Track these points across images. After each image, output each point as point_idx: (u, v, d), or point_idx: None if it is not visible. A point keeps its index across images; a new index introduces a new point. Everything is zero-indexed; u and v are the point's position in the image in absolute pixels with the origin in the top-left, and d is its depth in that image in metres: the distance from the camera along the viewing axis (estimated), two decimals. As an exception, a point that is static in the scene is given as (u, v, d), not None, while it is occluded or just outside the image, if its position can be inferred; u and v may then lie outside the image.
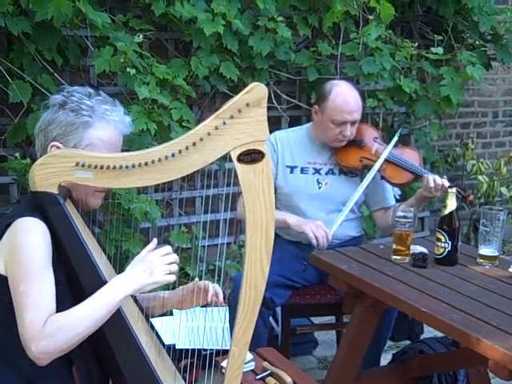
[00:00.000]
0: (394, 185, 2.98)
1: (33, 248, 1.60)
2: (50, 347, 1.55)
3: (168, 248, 1.72)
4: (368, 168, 2.94)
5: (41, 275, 1.59)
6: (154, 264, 1.67)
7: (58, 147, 1.72)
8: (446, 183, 2.70)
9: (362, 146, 2.97)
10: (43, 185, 1.61)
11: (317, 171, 2.98)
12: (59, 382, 1.72)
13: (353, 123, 2.90)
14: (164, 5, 3.29)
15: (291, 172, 2.98)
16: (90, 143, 1.72)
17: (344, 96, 2.88)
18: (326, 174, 2.97)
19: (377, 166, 2.90)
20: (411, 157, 2.96)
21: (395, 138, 3.02)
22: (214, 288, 1.89)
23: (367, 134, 3.03)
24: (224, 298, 1.90)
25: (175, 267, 1.70)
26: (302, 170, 2.98)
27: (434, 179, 2.71)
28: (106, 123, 1.75)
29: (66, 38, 3.23)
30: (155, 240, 1.75)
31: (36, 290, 1.57)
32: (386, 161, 2.92)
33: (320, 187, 2.96)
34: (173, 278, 1.69)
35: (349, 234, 2.97)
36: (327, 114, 2.88)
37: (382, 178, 2.94)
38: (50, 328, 1.55)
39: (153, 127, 3.13)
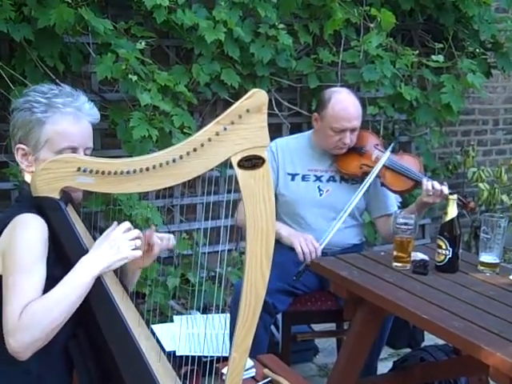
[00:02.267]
0: (394, 192, 2.97)
1: (27, 242, 1.60)
2: (27, 338, 1.54)
3: (127, 224, 1.72)
4: (368, 175, 2.92)
5: (30, 269, 1.59)
6: (119, 240, 1.66)
7: (23, 148, 1.73)
8: (446, 190, 2.69)
9: (363, 153, 2.96)
10: (45, 190, 1.61)
11: (318, 178, 2.97)
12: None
13: (352, 131, 2.89)
14: (166, 12, 3.30)
15: (292, 179, 2.97)
16: (47, 138, 1.71)
17: (343, 103, 2.87)
18: (327, 181, 2.97)
19: (374, 172, 2.90)
20: (411, 163, 2.95)
21: (392, 145, 3.03)
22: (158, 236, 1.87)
23: (368, 141, 3.02)
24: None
25: (139, 242, 1.69)
26: (304, 178, 2.97)
27: (432, 185, 2.71)
28: (60, 116, 1.72)
29: (68, 45, 3.25)
30: (115, 223, 1.75)
31: (22, 284, 1.57)
32: (386, 167, 2.92)
33: (321, 194, 2.96)
34: (139, 252, 1.68)
35: (350, 241, 2.97)
36: (327, 122, 2.87)
37: (382, 184, 2.94)
38: (25, 318, 1.54)
39: (154, 134, 3.13)
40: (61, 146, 1.71)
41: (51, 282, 1.61)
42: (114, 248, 1.65)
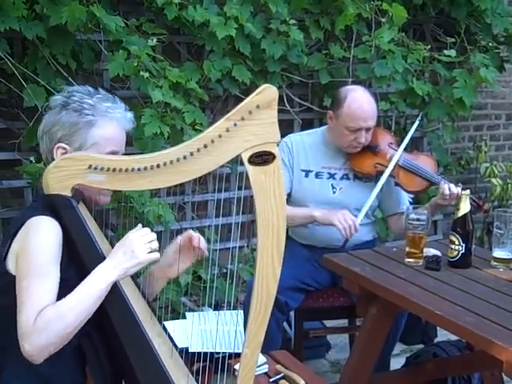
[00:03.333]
0: (408, 192, 2.96)
1: (41, 246, 1.61)
2: (42, 341, 1.55)
3: (146, 229, 1.71)
4: (382, 174, 2.91)
5: (44, 273, 1.60)
6: (134, 245, 1.66)
7: (64, 148, 1.73)
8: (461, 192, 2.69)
9: (377, 152, 2.95)
10: (56, 188, 1.62)
11: (331, 176, 2.96)
12: (72, 382, 1.73)
13: (368, 130, 2.88)
14: (177, 9, 3.30)
15: (306, 176, 2.97)
16: (94, 142, 1.73)
17: (359, 103, 2.85)
18: (341, 178, 2.96)
19: (389, 168, 2.89)
20: (426, 163, 2.94)
21: (405, 142, 2.99)
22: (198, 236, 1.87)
23: (382, 139, 3.00)
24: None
25: (156, 244, 1.69)
26: (317, 175, 2.96)
27: (449, 187, 2.70)
28: (108, 120, 1.75)
29: (80, 43, 3.26)
30: (139, 225, 1.74)
31: (37, 288, 1.58)
32: (401, 167, 2.91)
33: (334, 192, 2.95)
34: (156, 255, 1.68)
35: (362, 238, 2.96)
36: (342, 121, 2.86)
37: (397, 184, 2.92)
38: (40, 322, 1.55)
39: (166, 130, 3.14)
40: (106, 150, 1.73)
41: (65, 284, 1.62)
42: (127, 254, 1.65)
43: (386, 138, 3.02)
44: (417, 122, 3.08)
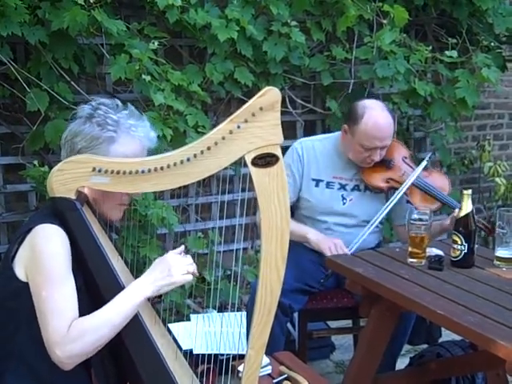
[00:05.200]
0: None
1: (53, 255, 1.62)
2: (76, 351, 1.59)
3: (182, 248, 1.76)
4: (394, 189, 2.86)
5: (62, 281, 1.62)
6: (172, 265, 1.69)
7: None
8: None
9: (391, 167, 2.90)
10: (60, 190, 1.63)
11: (342, 187, 2.93)
12: None
13: (383, 148, 2.83)
14: (178, 12, 3.32)
15: (316, 185, 2.93)
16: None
17: (377, 122, 2.76)
18: (352, 190, 2.93)
19: (402, 190, 2.82)
20: (440, 184, 2.89)
21: (423, 163, 2.91)
22: None
23: (396, 153, 2.94)
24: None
25: (192, 268, 1.72)
26: (328, 185, 2.93)
27: None
28: (130, 138, 1.76)
29: (82, 47, 3.27)
30: (182, 247, 1.79)
31: (58, 296, 1.60)
32: (413, 185, 2.85)
33: (344, 203, 2.92)
34: (190, 277, 1.71)
35: (369, 246, 2.92)
36: (357, 138, 2.79)
37: (408, 202, 2.87)
38: (75, 332, 1.58)
39: (168, 133, 3.15)
40: None
41: (77, 290, 1.64)
42: (164, 272, 1.69)
43: (401, 152, 2.96)
44: (425, 162, 2.93)
